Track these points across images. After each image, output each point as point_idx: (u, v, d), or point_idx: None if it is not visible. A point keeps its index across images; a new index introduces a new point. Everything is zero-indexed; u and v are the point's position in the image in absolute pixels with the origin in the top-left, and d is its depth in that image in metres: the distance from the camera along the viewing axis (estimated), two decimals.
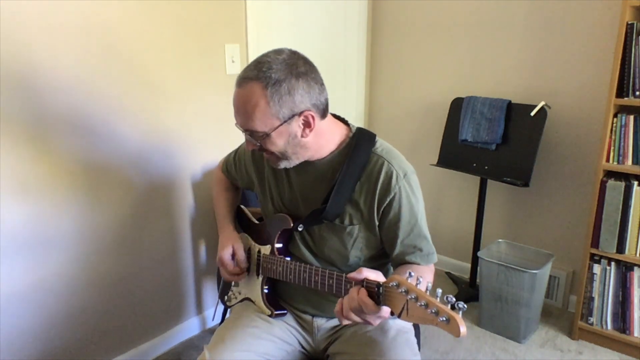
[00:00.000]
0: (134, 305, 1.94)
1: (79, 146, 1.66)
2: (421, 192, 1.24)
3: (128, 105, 1.76)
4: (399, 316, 0.93)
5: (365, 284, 1.00)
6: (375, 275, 1.01)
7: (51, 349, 1.72)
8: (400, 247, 1.21)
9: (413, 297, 0.89)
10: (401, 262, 1.23)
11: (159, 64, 1.82)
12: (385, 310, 0.99)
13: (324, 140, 1.20)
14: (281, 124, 1.10)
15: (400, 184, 1.17)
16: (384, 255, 1.28)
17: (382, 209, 1.19)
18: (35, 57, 1.51)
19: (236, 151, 1.52)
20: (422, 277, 0.92)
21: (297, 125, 1.12)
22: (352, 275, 1.03)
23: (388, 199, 1.17)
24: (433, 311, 0.86)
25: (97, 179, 1.73)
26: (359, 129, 1.25)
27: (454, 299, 0.86)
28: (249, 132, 1.13)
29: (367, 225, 1.21)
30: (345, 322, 1.03)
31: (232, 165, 1.52)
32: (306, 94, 1.10)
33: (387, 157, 1.20)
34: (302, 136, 1.14)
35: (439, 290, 0.88)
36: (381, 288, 0.97)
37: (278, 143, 1.14)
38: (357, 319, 1.02)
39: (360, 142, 1.21)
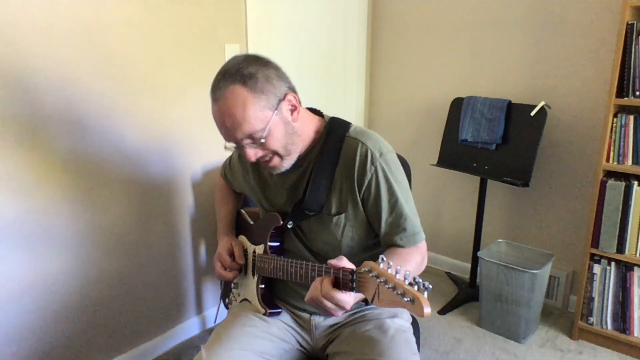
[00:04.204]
0: (134, 305, 1.94)
1: (78, 147, 1.66)
2: (402, 172, 1.23)
3: (128, 106, 1.76)
4: (372, 302, 0.93)
5: (342, 272, 1.01)
6: (351, 266, 1.02)
7: (51, 348, 1.72)
8: (385, 227, 1.21)
9: (383, 280, 0.90)
10: (389, 244, 1.23)
11: (159, 64, 1.82)
12: (344, 299, 1.00)
13: (306, 129, 1.21)
14: (274, 114, 1.11)
15: (375, 163, 1.17)
16: (378, 244, 1.28)
17: (362, 191, 1.19)
18: (34, 58, 1.50)
19: (230, 157, 1.54)
20: (392, 261, 0.93)
21: (286, 110, 1.14)
22: (332, 262, 1.03)
23: (367, 180, 1.17)
24: (399, 293, 0.86)
25: (97, 179, 1.73)
26: (331, 119, 1.26)
27: (421, 280, 0.85)
28: (249, 138, 1.11)
29: (353, 210, 1.21)
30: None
31: (228, 170, 1.54)
32: (280, 78, 1.12)
33: (361, 138, 1.20)
34: (293, 121, 1.15)
35: (408, 272, 0.88)
36: (355, 275, 0.98)
37: (278, 136, 1.13)
38: (329, 305, 1.03)
39: (332, 129, 1.22)
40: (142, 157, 1.85)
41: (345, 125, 1.24)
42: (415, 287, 0.85)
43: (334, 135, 1.21)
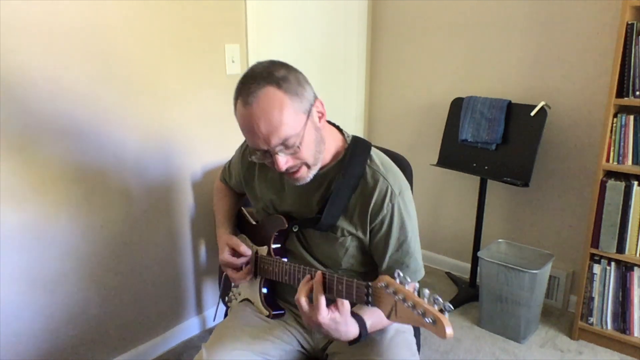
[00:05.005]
0: (133, 305, 1.94)
1: (78, 148, 1.66)
2: (415, 208, 1.23)
3: (128, 106, 1.76)
4: (388, 317, 0.93)
5: (356, 285, 1.00)
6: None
7: (51, 349, 1.72)
8: (389, 262, 1.20)
9: (401, 298, 0.89)
10: None
11: (159, 64, 1.82)
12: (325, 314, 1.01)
13: (328, 140, 1.18)
14: (307, 118, 1.07)
15: (394, 201, 1.16)
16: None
17: (374, 224, 1.18)
18: (33, 60, 1.50)
19: (230, 161, 1.51)
20: (409, 278, 0.92)
21: (316, 115, 1.10)
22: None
23: (380, 216, 1.16)
24: (420, 312, 0.85)
25: (96, 180, 1.73)
26: (354, 139, 1.24)
27: (441, 300, 0.85)
28: (283, 145, 1.06)
29: (361, 236, 1.21)
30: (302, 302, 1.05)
31: (227, 173, 1.52)
32: (307, 83, 1.10)
33: (383, 172, 1.18)
34: (321, 128, 1.13)
35: (426, 291, 0.87)
36: (370, 289, 0.97)
37: (310, 143, 1.10)
38: (305, 306, 1.04)
39: (355, 153, 1.20)
40: (142, 157, 1.85)
41: (367, 149, 1.22)
42: (436, 307, 0.84)
43: (356, 159, 1.18)
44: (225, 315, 1.75)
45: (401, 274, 0.93)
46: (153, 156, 1.88)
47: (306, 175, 1.15)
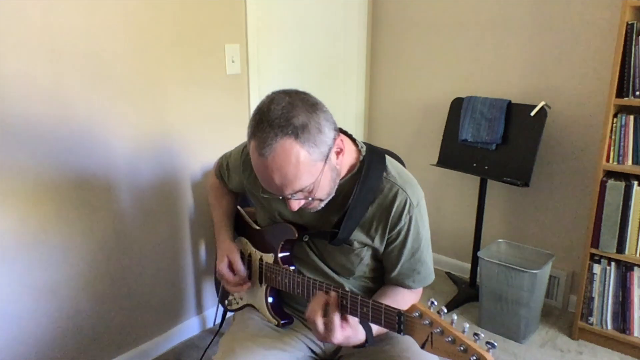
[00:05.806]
0: (134, 305, 1.94)
1: (77, 149, 1.66)
2: (427, 216, 1.24)
3: (127, 107, 1.76)
4: (423, 347, 0.91)
5: (385, 310, 0.99)
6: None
7: (51, 349, 1.72)
8: (400, 269, 1.21)
9: (438, 330, 0.86)
10: (397, 284, 1.22)
11: (159, 64, 1.82)
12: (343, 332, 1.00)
13: (345, 162, 1.16)
14: (325, 164, 1.04)
15: (412, 212, 1.15)
16: None
17: (392, 234, 1.17)
18: (31, 61, 1.50)
19: (228, 160, 1.46)
20: (444, 306, 0.91)
21: (334, 155, 1.07)
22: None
23: (398, 227, 1.16)
24: (461, 348, 0.83)
25: (96, 182, 1.73)
26: (368, 149, 1.21)
27: (482, 335, 0.82)
28: (298, 192, 1.05)
29: (378, 246, 1.20)
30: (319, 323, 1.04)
31: (225, 172, 1.47)
32: (328, 122, 1.03)
33: (401, 184, 1.16)
34: (338, 164, 1.10)
35: (466, 325, 0.85)
36: (402, 317, 0.94)
37: (325, 185, 1.08)
38: (320, 325, 1.02)
39: (371, 165, 1.17)
40: (141, 157, 1.85)
41: (382, 159, 1.20)
42: (478, 343, 0.82)
43: (372, 172, 1.16)
44: (224, 316, 1.73)
45: (435, 303, 0.91)
46: (153, 156, 1.88)
47: (318, 206, 1.14)
